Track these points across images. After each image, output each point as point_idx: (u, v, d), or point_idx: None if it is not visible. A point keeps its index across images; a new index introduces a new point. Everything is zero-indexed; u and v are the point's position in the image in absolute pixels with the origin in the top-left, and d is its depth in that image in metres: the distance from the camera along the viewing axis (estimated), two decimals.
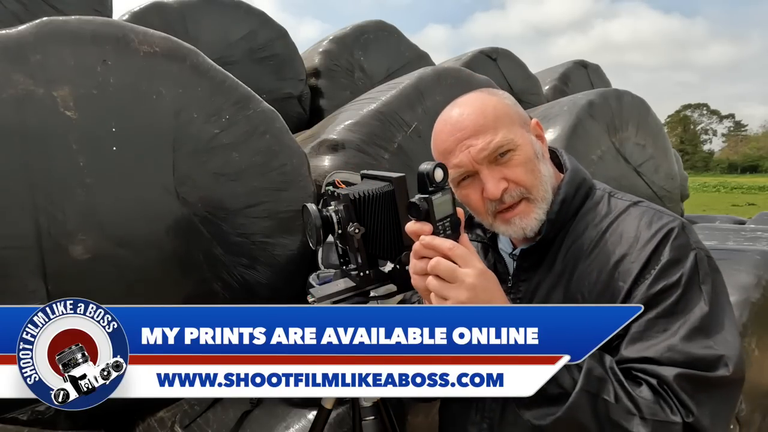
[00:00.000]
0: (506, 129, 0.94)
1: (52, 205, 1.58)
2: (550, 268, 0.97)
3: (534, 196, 0.95)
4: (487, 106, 0.97)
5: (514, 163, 0.94)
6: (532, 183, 0.95)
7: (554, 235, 0.98)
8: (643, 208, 0.96)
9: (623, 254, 0.90)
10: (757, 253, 2.52)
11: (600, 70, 6.02)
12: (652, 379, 0.82)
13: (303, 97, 3.95)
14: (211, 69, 1.83)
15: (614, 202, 0.98)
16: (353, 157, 2.17)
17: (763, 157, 64.99)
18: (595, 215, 0.97)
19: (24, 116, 1.55)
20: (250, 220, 1.85)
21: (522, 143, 0.95)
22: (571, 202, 0.98)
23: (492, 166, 0.94)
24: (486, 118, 0.95)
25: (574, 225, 0.98)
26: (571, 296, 0.94)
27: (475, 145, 0.93)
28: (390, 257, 1.10)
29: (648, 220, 0.92)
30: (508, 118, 0.96)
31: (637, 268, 0.88)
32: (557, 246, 0.98)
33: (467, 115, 0.96)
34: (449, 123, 0.98)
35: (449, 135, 0.96)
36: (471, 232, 1.09)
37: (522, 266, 1.01)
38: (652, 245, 0.89)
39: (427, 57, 4.69)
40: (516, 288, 1.01)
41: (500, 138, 0.93)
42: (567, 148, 2.60)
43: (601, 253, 0.93)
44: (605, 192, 1.01)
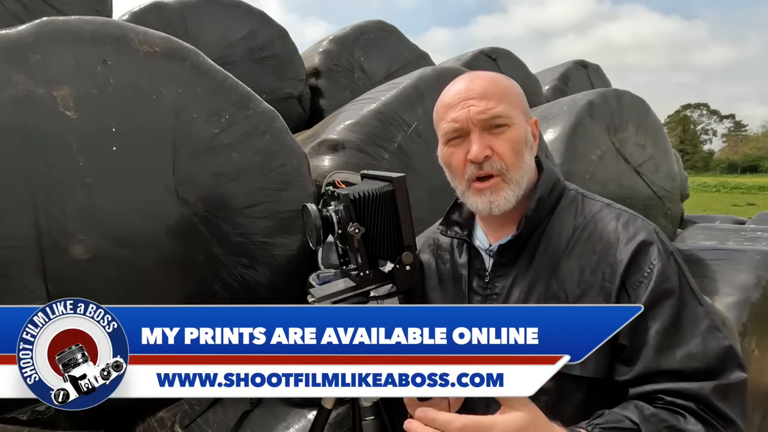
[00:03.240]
0: (509, 105, 0.98)
1: (52, 205, 1.58)
2: (528, 265, 1.00)
3: (510, 176, 0.98)
4: (500, 80, 1.02)
5: (504, 138, 0.98)
6: (512, 163, 0.98)
7: (530, 232, 1.01)
8: (616, 210, 1.00)
9: (605, 254, 0.94)
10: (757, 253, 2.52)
11: (600, 70, 6.02)
12: (690, 404, 0.84)
13: (303, 97, 3.95)
14: (211, 69, 1.83)
15: (588, 202, 1.03)
16: (353, 157, 2.17)
17: (763, 157, 65.00)
18: (570, 214, 1.01)
19: (24, 116, 1.55)
20: (250, 220, 1.85)
21: (518, 125, 0.99)
22: (547, 200, 1.01)
23: (483, 132, 0.98)
24: (496, 89, 0.99)
25: (550, 223, 1.01)
26: (553, 293, 0.96)
27: (476, 106, 0.97)
28: (390, 257, 1.10)
29: (624, 222, 0.97)
30: (515, 99, 1.01)
31: (622, 267, 0.92)
32: (534, 243, 1.01)
33: (480, 81, 1.01)
34: (460, 82, 1.02)
35: (456, 92, 1.01)
36: (449, 229, 1.11)
37: (499, 262, 1.03)
38: (633, 246, 0.92)
39: (427, 57, 4.69)
40: (492, 284, 1.03)
41: (501, 109, 0.97)
42: (567, 148, 2.61)
43: (581, 251, 0.96)
44: (578, 193, 1.05)
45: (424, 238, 1.21)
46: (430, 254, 1.16)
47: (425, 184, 2.25)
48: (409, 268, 1.08)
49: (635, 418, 0.83)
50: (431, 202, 2.21)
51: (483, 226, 1.09)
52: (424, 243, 1.19)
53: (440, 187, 2.28)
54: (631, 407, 0.86)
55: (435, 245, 1.16)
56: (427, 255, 1.17)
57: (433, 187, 2.25)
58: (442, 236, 1.15)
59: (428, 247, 1.18)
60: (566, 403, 0.93)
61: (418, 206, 1.78)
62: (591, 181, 2.66)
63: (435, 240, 1.17)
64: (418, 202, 2.11)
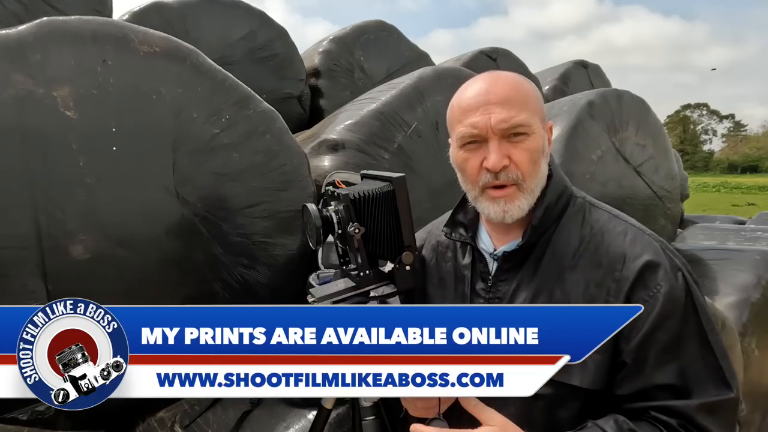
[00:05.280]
0: (530, 113, 0.95)
1: (52, 205, 1.58)
2: (533, 272, 0.99)
3: (526, 185, 0.96)
4: (522, 85, 0.98)
5: (523, 147, 0.95)
6: (529, 173, 0.96)
7: (536, 239, 1.00)
8: (623, 223, 0.99)
9: (611, 269, 0.93)
10: (757, 253, 2.52)
11: (600, 70, 6.01)
12: (672, 420, 0.86)
13: (303, 97, 3.95)
14: (211, 69, 1.83)
15: (594, 211, 1.02)
16: (353, 157, 2.17)
17: (763, 157, 64.95)
18: (577, 223, 1.00)
19: (24, 116, 1.55)
20: (250, 220, 1.85)
21: (536, 133, 0.96)
22: (554, 208, 1.00)
23: (503, 141, 0.95)
24: (518, 94, 0.96)
25: (557, 231, 1.00)
26: (557, 303, 0.95)
27: (497, 114, 0.94)
28: (390, 257, 1.10)
29: (632, 238, 0.95)
30: (535, 105, 0.98)
31: (627, 285, 0.91)
32: (540, 251, 0.99)
33: (502, 84, 0.97)
34: (480, 82, 0.98)
35: (477, 94, 0.97)
36: (454, 231, 1.10)
37: (503, 267, 1.02)
38: (640, 264, 0.92)
39: (427, 57, 4.69)
40: (496, 288, 1.02)
41: (522, 118, 0.94)
42: (567, 148, 2.61)
43: (587, 264, 0.95)
44: (585, 201, 1.04)
45: (426, 233, 1.20)
46: (432, 250, 1.16)
47: (425, 184, 2.25)
48: (409, 268, 1.08)
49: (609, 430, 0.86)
50: (431, 202, 2.21)
51: (488, 229, 1.07)
52: (427, 238, 1.19)
53: (440, 187, 2.29)
54: (611, 422, 0.87)
55: (437, 241, 1.16)
56: (428, 252, 1.17)
57: (433, 187, 2.25)
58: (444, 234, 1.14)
59: (430, 243, 1.17)
60: (563, 409, 0.93)
61: (418, 206, 1.78)
62: (591, 181, 2.66)
63: (437, 236, 1.16)
64: (418, 202, 2.11)
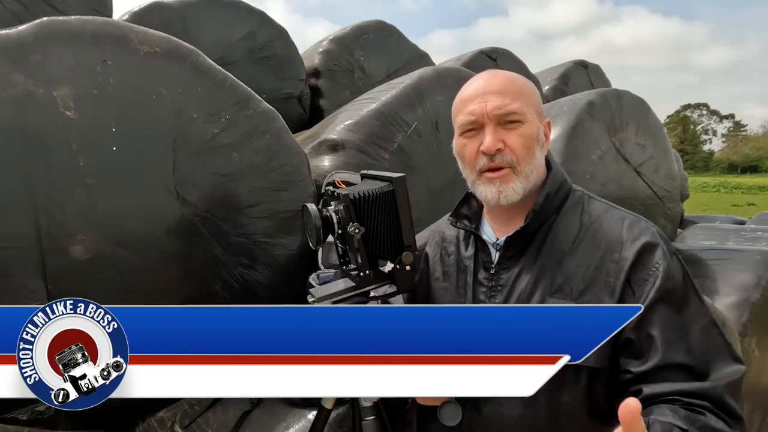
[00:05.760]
0: (524, 103, 1.02)
1: (52, 205, 1.58)
2: (534, 259, 1.03)
3: (520, 169, 1.02)
4: (518, 79, 1.06)
5: (516, 133, 1.01)
6: (523, 157, 1.02)
7: (537, 226, 1.04)
8: (620, 212, 1.05)
9: (610, 251, 0.98)
10: (757, 253, 2.52)
11: (600, 70, 6.02)
12: (706, 402, 0.87)
13: (303, 97, 3.95)
14: (212, 69, 1.83)
15: (593, 202, 1.08)
16: (353, 157, 2.17)
17: (763, 157, 64.97)
18: (576, 213, 1.05)
19: (24, 116, 1.55)
20: (250, 220, 1.85)
21: (531, 122, 1.03)
22: (554, 198, 1.05)
23: (498, 127, 1.01)
24: (513, 86, 1.04)
25: (557, 220, 1.05)
26: (558, 287, 0.99)
27: (492, 101, 1.01)
28: (390, 257, 1.10)
29: (629, 223, 1.01)
30: (530, 98, 1.05)
31: (627, 265, 0.95)
32: (541, 238, 1.04)
33: (498, 78, 1.05)
34: (480, 79, 1.07)
35: (476, 88, 1.05)
36: (458, 221, 1.14)
37: (505, 255, 1.06)
38: (638, 245, 0.96)
39: (426, 57, 4.68)
40: (498, 276, 1.06)
41: (516, 106, 1.01)
42: (567, 148, 2.61)
43: (587, 248, 1.00)
44: (584, 194, 1.10)
45: (430, 231, 1.25)
46: (436, 246, 1.20)
47: (425, 184, 2.25)
48: (409, 268, 1.08)
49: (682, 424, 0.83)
50: (431, 202, 2.21)
51: (490, 220, 1.11)
52: (431, 236, 1.23)
53: (440, 187, 2.29)
54: (668, 413, 0.85)
55: (441, 237, 1.20)
56: (432, 247, 1.20)
57: (433, 187, 2.25)
58: (447, 230, 1.18)
59: (434, 240, 1.21)
60: (566, 392, 0.95)
61: (418, 206, 1.78)
62: (591, 181, 2.66)
63: (441, 233, 1.20)
64: (418, 202, 2.11)
